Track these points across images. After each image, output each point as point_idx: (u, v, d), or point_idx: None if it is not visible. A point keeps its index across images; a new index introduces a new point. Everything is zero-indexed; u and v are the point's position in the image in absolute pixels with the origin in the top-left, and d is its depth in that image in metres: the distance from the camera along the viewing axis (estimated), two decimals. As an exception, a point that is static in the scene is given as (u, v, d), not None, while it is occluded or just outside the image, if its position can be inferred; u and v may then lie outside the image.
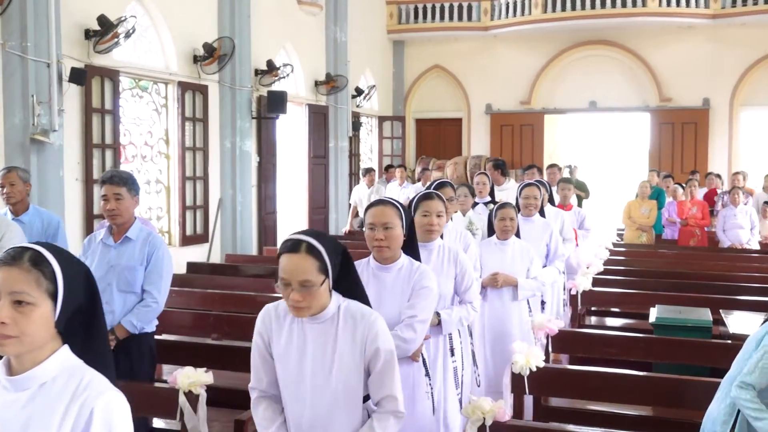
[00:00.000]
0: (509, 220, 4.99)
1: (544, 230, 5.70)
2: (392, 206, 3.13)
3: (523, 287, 4.89)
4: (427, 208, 3.77)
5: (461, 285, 3.72)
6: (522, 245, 5.04)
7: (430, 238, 3.76)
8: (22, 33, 6.85)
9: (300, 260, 2.33)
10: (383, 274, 3.20)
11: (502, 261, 4.97)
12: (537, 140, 16.94)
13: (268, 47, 11.44)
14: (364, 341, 2.44)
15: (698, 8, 15.08)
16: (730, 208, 9.69)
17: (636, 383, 3.62)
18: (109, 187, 3.91)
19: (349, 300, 2.50)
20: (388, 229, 3.08)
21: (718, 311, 5.40)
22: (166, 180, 9.59)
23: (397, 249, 3.16)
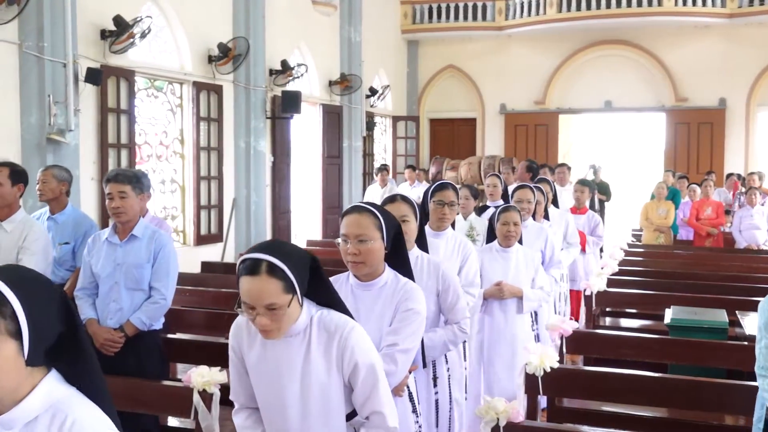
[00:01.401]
0: (513, 225, 4.55)
1: (538, 236, 5.39)
2: (370, 215, 2.65)
3: (528, 298, 4.49)
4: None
5: (445, 302, 3.27)
6: (526, 252, 4.66)
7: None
8: (38, 33, 6.90)
9: (262, 283, 2.06)
10: (362, 292, 2.76)
11: (505, 270, 4.55)
12: (551, 140, 16.88)
13: (283, 47, 11.47)
14: (340, 355, 2.20)
15: (714, 7, 14.98)
16: (746, 208, 9.62)
17: (651, 385, 3.59)
18: (114, 186, 3.95)
19: (324, 309, 2.26)
20: (363, 242, 2.61)
21: (734, 312, 5.36)
22: (180, 180, 9.64)
23: (376, 264, 2.70)
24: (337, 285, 2.75)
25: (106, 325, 4.02)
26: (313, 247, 9.59)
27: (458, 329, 3.25)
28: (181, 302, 5.59)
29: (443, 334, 3.21)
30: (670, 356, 4.43)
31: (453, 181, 15.42)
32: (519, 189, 5.57)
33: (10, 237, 4.24)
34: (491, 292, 4.49)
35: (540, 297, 4.57)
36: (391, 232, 2.70)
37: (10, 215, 4.32)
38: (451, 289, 3.26)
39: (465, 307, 3.31)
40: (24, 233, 4.25)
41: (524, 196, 5.49)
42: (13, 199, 4.35)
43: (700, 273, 7.21)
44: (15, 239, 4.24)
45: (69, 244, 4.85)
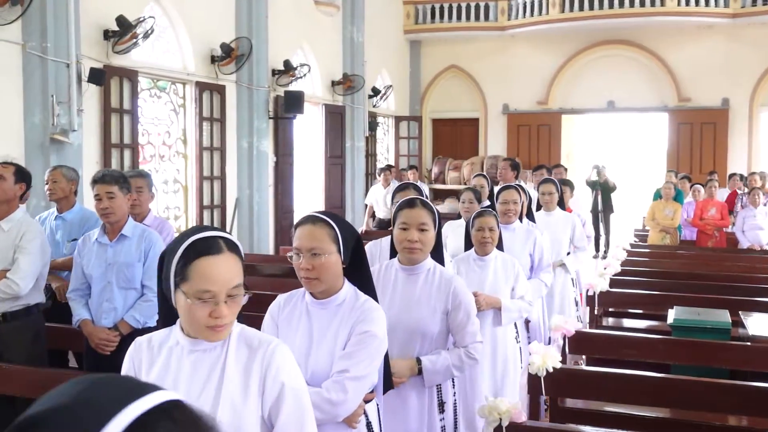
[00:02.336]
0: (489, 231, 4.19)
1: (526, 238, 5.06)
2: (324, 225, 2.42)
3: (507, 309, 4.10)
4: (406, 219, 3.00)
5: (454, 322, 2.98)
6: (505, 259, 4.29)
7: (411, 259, 3.02)
8: (42, 34, 6.91)
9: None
10: (318, 310, 2.48)
11: (482, 279, 4.20)
12: (554, 141, 16.87)
13: (285, 47, 11.47)
14: (262, 376, 1.88)
15: (718, 7, 14.95)
16: (749, 208, 9.61)
17: (654, 385, 3.59)
18: (101, 186, 4.00)
19: (244, 325, 2.01)
20: (317, 256, 2.37)
21: (738, 313, 5.35)
22: (183, 180, 9.65)
23: (332, 280, 2.44)
24: (292, 302, 2.55)
25: (100, 325, 4.07)
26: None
27: (465, 354, 2.99)
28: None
29: (447, 357, 2.95)
30: (672, 356, 4.43)
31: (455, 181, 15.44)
32: (504, 189, 5.26)
33: (7, 236, 4.27)
34: None
35: (520, 307, 4.18)
36: (349, 243, 2.46)
37: (9, 214, 4.34)
38: (462, 309, 2.98)
39: (477, 331, 3.04)
40: (21, 232, 4.28)
41: (510, 196, 5.17)
42: (12, 196, 4.38)
43: (703, 273, 7.20)
44: (12, 238, 4.27)
45: (77, 241, 4.88)
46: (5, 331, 4.22)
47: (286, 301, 2.60)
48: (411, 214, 3.00)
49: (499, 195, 5.25)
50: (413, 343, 3.00)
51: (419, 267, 3.04)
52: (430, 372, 2.93)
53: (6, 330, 4.23)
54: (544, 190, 6.42)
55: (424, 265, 3.05)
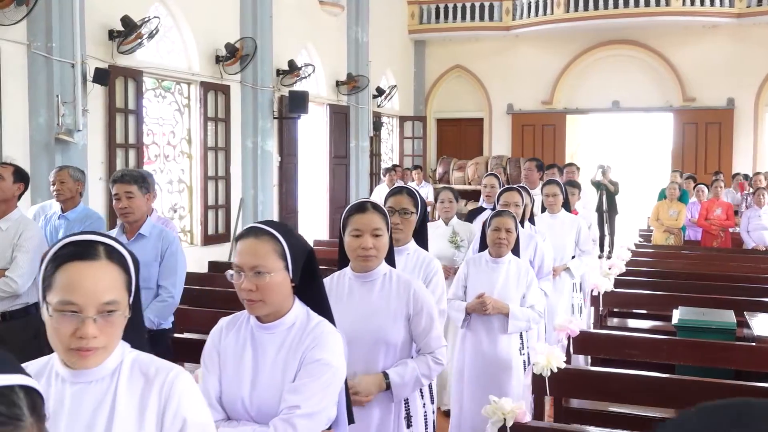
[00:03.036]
0: (506, 232, 4.02)
1: (527, 244, 4.82)
2: (270, 239, 2.13)
3: (515, 316, 3.93)
4: (358, 225, 2.74)
5: (418, 328, 2.77)
6: (519, 265, 4.12)
7: (366, 267, 2.78)
8: (47, 34, 6.93)
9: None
10: (264, 336, 2.18)
11: (492, 282, 4.03)
12: (559, 141, 16.85)
13: (290, 47, 11.48)
14: (161, 411, 1.60)
15: (723, 7, 14.92)
16: (754, 209, 9.58)
17: (658, 385, 3.59)
18: (120, 186, 3.99)
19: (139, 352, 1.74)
20: (260, 275, 2.08)
21: (743, 313, 5.34)
22: (188, 179, 9.66)
23: (279, 302, 2.15)
24: (236, 326, 2.24)
25: None
26: (320, 247, 9.61)
27: (433, 360, 2.78)
28: (189, 302, 5.60)
29: (415, 367, 2.74)
30: (677, 357, 4.42)
31: (460, 181, 15.42)
32: (505, 191, 5.04)
33: (5, 235, 4.30)
34: (473, 306, 3.97)
35: (529, 317, 4.01)
36: (299, 259, 2.16)
37: (7, 213, 4.36)
38: (424, 313, 2.76)
39: (441, 335, 2.84)
40: (19, 231, 4.30)
41: (511, 198, 4.95)
42: (11, 195, 4.40)
43: (708, 273, 7.18)
44: (10, 237, 4.29)
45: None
46: (4, 330, 4.23)
47: (230, 324, 2.27)
48: (363, 220, 2.73)
49: (500, 197, 5.05)
50: (376, 355, 2.75)
51: (374, 273, 2.78)
52: (398, 386, 2.71)
53: (5, 329, 4.24)
54: (548, 191, 6.19)
55: (379, 270, 2.79)
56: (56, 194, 5.08)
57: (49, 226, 5.05)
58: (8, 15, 6.47)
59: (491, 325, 3.98)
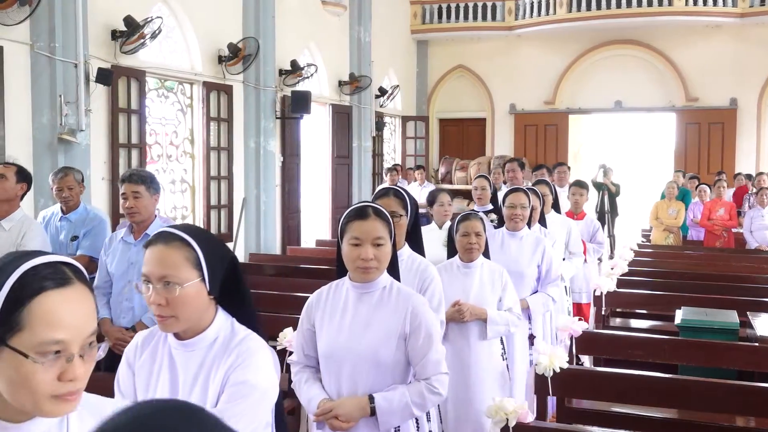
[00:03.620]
0: (475, 236, 3.84)
1: (535, 247, 4.64)
2: (182, 246, 1.86)
3: (494, 321, 3.76)
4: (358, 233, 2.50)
5: (414, 348, 2.50)
6: (492, 268, 3.93)
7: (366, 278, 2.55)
8: (50, 34, 6.94)
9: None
10: (182, 354, 1.92)
11: (466, 289, 3.85)
12: (561, 140, 16.84)
13: (292, 47, 11.48)
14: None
15: (725, 7, 14.91)
16: (757, 209, 9.57)
17: (661, 385, 3.58)
18: (128, 186, 3.99)
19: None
20: (170, 286, 1.82)
21: (745, 313, 5.33)
22: (190, 179, 9.66)
23: (195, 316, 1.89)
24: (152, 343, 2.01)
25: (119, 324, 4.06)
26: (323, 247, 9.62)
27: (427, 389, 2.48)
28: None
29: (405, 393, 2.46)
30: (680, 357, 4.42)
31: (462, 181, 15.42)
32: (512, 192, 4.82)
33: (8, 235, 4.30)
34: (449, 314, 3.69)
35: (508, 320, 3.82)
36: (218, 267, 1.90)
37: (10, 213, 4.36)
38: (422, 332, 2.49)
39: (441, 359, 2.54)
40: (22, 231, 4.31)
41: (518, 200, 4.72)
42: (14, 195, 4.41)
43: (711, 274, 7.18)
44: (13, 237, 4.29)
45: (78, 239, 4.92)
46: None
47: (146, 340, 2.02)
48: (364, 228, 2.48)
49: (506, 198, 4.82)
50: (364, 374, 2.51)
51: (373, 285, 2.55)
52: (384, 412, 2.43)
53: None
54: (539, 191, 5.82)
55: (379, 282, 2.56)
56: (65, 200, 5.06)
57: (51, 227, 5.04)
58: (11, 15, 6.47)
59: (469, 332, 3.78)
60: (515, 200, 4.73)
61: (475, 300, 3.80)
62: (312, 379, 2.63)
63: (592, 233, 6.92)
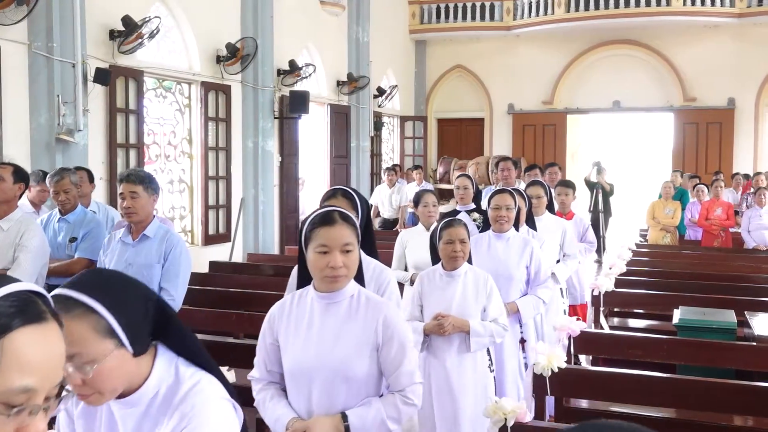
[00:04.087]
0: (460, 244, 3.67)
1: (523, 248, 4.48)
2: (82, 314, 1.48)
3: (477, 333, 3.58)
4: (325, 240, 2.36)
5: (386, 360, 2.38)
6: (477, 275, 3.75)
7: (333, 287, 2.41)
8: (47, 34, 6.93)
9: None
10: (119, 412, 1.63)
11: (449, 298, 3.68)
12: (559, 140, 16.85)
13: (291, 47, 11.48)
14: None
15: (723, 7, 14.92)
16: (755, 208, 9.58)
17: (659, 385, 3.59)
18: (126, 186, 3.98)
19: None
20: (81, 363, 1.48)
21: (743, 313, 5.34)
22: (189, 179, 9.66)
23: (119, 383, 1.56)
24: None
25: None
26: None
27: (402, 401, 2.39)
28: (189, 301, 5.60)
29: (380, 408, 2.37)
30: (678, 357, 4.42)
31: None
32: (497, 193, 4.63)
33: (6, 235, 4.28)
34: (430, 328, 3.61)
35: (493, 331, 3.63)
36: (140, 320, 1.55)
37: (8, 214, 4.35)
38: (395, 342, 2.37)
39: (415, 369, 2.44)
40: (21, 231, 4.29)
41: (503, 201, 4.52)
42: (12, 196, 4.39)
43: (709, 273, 7.18)
44: (12, 237, 4.27)
45: (77, 240, 4.91)
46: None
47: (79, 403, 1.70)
48: (331, 235, 2.33)
49: (491, 199, 4.63)
50: (335, 390, 2.38)
51: (340, 294, 2.40)
52: (359, 430, 2.34)
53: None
54: (530, 193, 5.70)
55: (346, 291, 2.42)
56: (64, 202, 5.04)
57: (49, 229, 5.02)
58: (9, 15, 6.47)
59: (453, 345, 3.62)
60: (500, 201, 4.54)
61: (458, 310, 3.64)
62: (277, 397, 2.48)
63: (582, 233, 6.70)
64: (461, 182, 5.98)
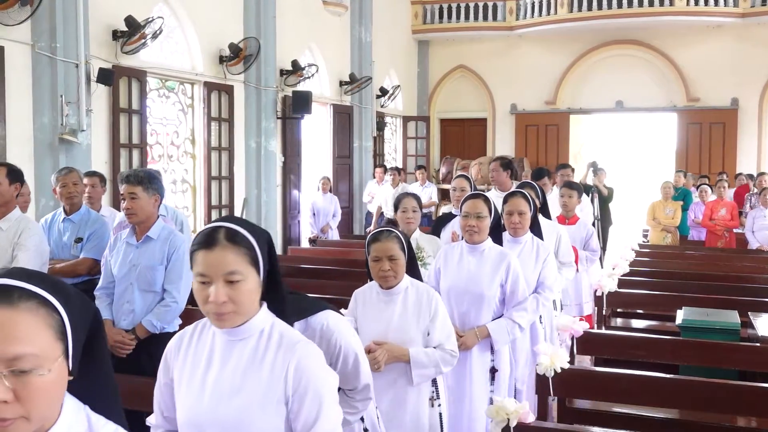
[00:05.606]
0: (388, 261, 3.09)
1: (498, 263, 3.86)
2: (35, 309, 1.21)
3: (419, 363, 3.08)
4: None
5: (299, 419, 1.90)
6: (419, 292, 3.18)
7: (222, 326, 1.96)
8: (51, 34, 6.94)
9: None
10: None
11: (386, 321, 3.15)
12: (562, 141, 16.84)
13: (293, 47, 11.49)
14: None
15: (727, 7, 14.90)
16: (759, 209, 9.56)
17: (662, 386, 3.58)
18: (126, 187, 4.00)
19: None
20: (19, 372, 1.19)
21: (747, 313, 5.33)
22: (191, 180, 9.67)
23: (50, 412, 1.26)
24: None
25: (119, 326, 4.05)
26: (323, 247, 9.61)
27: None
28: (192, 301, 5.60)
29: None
30: (681, 357, 4.41)
31: (463, 181, 15.38)
32: (468, 199, 3.99)
33: (5, 235, 4.30)
34: None
35: (438, 360, 3.11)
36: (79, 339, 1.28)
37: (6, 214, 4.36)
38: (309, 394, 1.87)
39: (334, 428, 1.90)
40: (19, 231, 4.30)
41: (473, 209, 3.90)
42: (9, 197, 4.39)
43: (712, 274, 7.17)
44: (10, 237, 4.29)
45: (82, 241, 4.91)
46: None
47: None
48: (209, 260, 1.91)
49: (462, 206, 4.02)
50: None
51: (245, 329, 1.94)
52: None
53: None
54: None
55: (253, 326, 1.95)
56: (70, 196, 5.03)
57: (54, 229, 5.03)
58: (12, 15, 6.47)
59: (391, 376, 3.10)
60: (470, 209, 3.90)
61: (396, 334, 3.10)
62: None
63: (586, 239, 6.25)
64: (458, 183, 5.67)
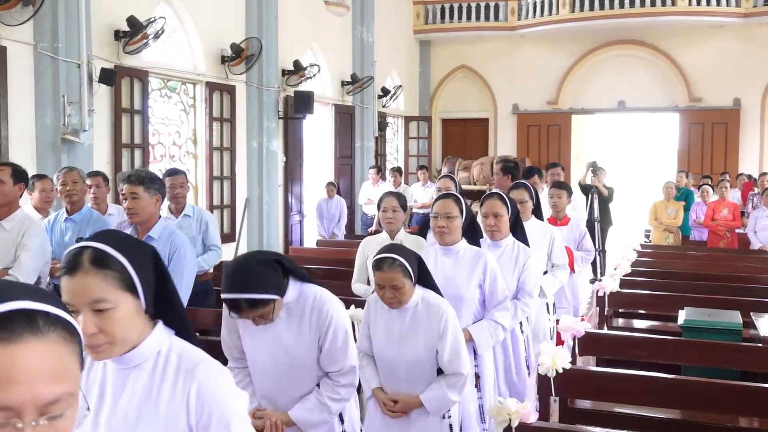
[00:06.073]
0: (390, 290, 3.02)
1: (474, 264, 3.77)
2: None
3: (433, 409, 3.11)
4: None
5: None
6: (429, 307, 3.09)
7: (98, 358, 1.74)
8: (53, 34, 6.94)
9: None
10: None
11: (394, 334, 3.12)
12: (564, 141, 16.84)
13: (295, 48, 11.49)
14: None
15: (729, 7, 14.89)
16: (761, 209, 9.54)
17: (664, 386, 3.57)
18: (127, 187, 3.99)
19: None
20: None
21: (749, 314, 5.32)
22: (193, 180, 9.67)
23: None
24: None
25: None
26: (324, 247, 9.61)
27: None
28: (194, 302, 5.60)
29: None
30: (683, 358, 4.41)
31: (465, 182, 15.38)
32: (439, 199, 3.90)
33: (8, 235, 4.30)
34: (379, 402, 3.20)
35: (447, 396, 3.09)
36: None
37: (10, 214, 4.36)
38: (214, 423, 1.61)
39: None
40: (23, 230, 4.31)
41: (442, 209, 3.80)
42: (13, 197, 4.40)
43: (714, 274, 7.15)
44: (14, 237, 4.29)
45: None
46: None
47: None
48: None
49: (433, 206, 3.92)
50: None
51: (136, 355, 1.65)
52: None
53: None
54: (515, 196, 4.98)
55: (143, 351, 1.64)
56: (69, 194, 5.05)
57: (56, 228, 5.03)
58: (14, 15, 6.48)
59: None
60: (439, 209, 3.80)
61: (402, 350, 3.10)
62: None
63: (579, 239, 6.08)
64: (443, 184, 5.52)
